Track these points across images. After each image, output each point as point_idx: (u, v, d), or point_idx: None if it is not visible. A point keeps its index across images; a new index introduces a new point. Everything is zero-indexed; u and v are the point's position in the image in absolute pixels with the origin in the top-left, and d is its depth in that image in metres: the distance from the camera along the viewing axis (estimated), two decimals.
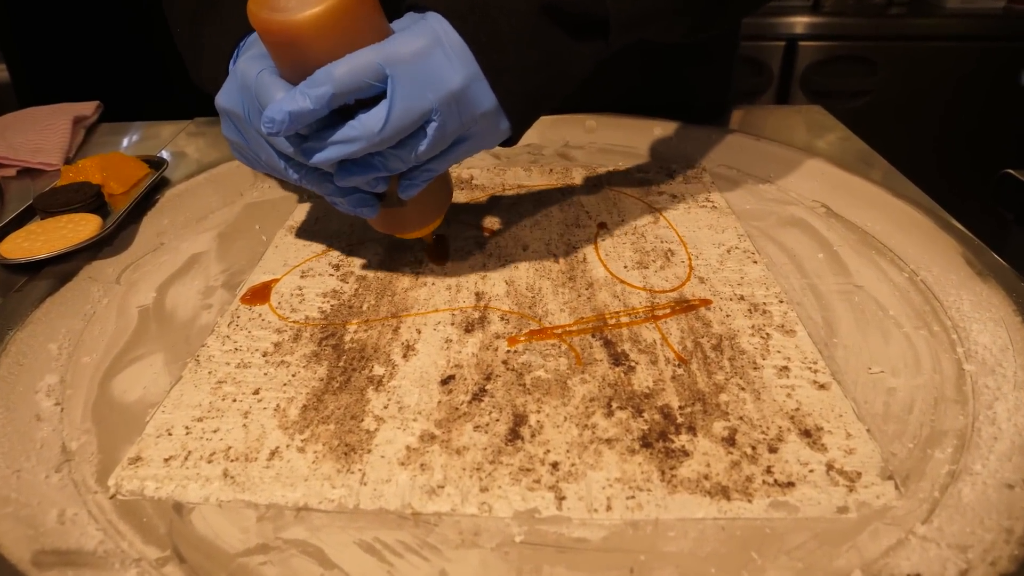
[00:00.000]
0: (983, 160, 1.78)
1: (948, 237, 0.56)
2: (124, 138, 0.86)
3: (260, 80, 0.43)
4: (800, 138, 0.79)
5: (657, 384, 0.43)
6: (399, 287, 0.53)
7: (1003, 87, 1.78)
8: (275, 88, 0.42)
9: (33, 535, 0.34)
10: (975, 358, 0.45)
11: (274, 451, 0.39)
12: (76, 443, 0.40)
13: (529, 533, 0.34)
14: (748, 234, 0.60)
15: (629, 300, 0.51)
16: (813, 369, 0.44)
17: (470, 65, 0.42)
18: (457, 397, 0.43)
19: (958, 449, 0.39)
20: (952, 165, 1.85)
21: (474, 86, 0.43)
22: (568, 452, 0.38)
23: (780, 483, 0.36)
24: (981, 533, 0.33)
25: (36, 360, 0.46)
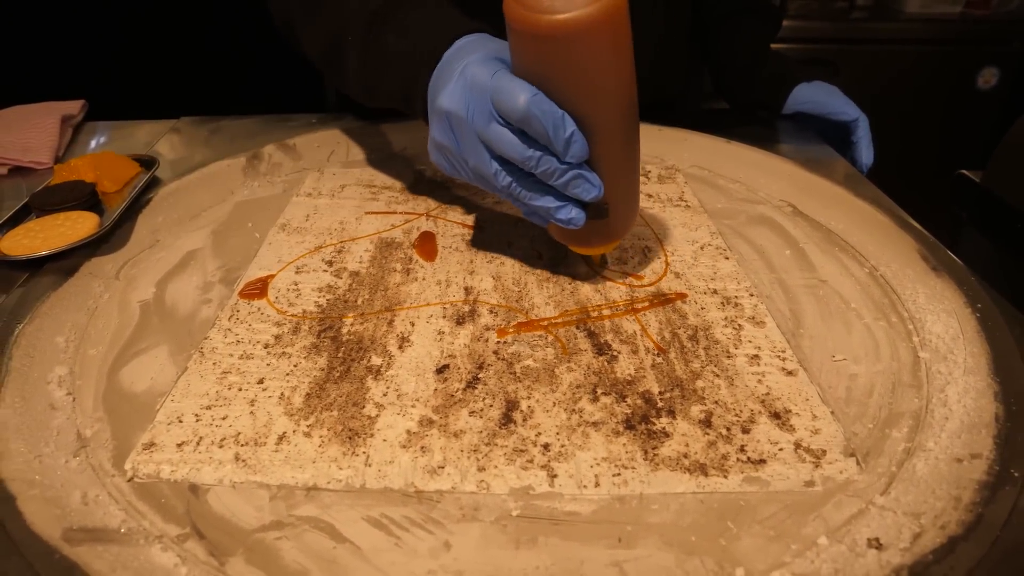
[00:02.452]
0: (941, 161, 1.85)
1: (906, 235, 0.60)
2: (110, 136, 0.87)
3: (498, 81, 0.44)
4: (768, 140, 0.83)
5: (638, 372, 0.46)
6: (391, 282, 0.56)
7: (960, 90, 1.85)
8: (517, 88, 0.43)
9: (60, 515, 0.36)
10: (929, 346, 0.49)
11: (282, 436, 0.41)
12: (90, 430, 0.42)
13: (525, 508, 0.37)
14: (720, 232, 0.63)
15: (610, 294, 0.54)
16: (781, 357, 0.48)
17: None
18: (452, 385, 0.45)
19: (913, 429, 0.42)
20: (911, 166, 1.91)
21: None
22: (558, 434, 0.41)
23: (753, 460, 0.40)
24: (933, 501, 0.37)
25: (45, 352, 0.48)
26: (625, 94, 0.46)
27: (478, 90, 0.46)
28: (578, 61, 0.42)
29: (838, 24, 1.82)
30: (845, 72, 1.82)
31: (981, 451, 0.40)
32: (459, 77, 0.47)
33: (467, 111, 0.46)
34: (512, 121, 0.45)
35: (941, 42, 1.81)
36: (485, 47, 0.49)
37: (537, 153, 0.45)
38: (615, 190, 0.49)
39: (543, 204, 0.48)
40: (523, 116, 0.43)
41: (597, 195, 0.48)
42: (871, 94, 1.85)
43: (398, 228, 0.64)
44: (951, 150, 1.91)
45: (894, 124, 1.90)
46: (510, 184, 0.48)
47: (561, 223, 0.49)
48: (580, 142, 0.45)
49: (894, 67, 1.83)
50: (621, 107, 0.46)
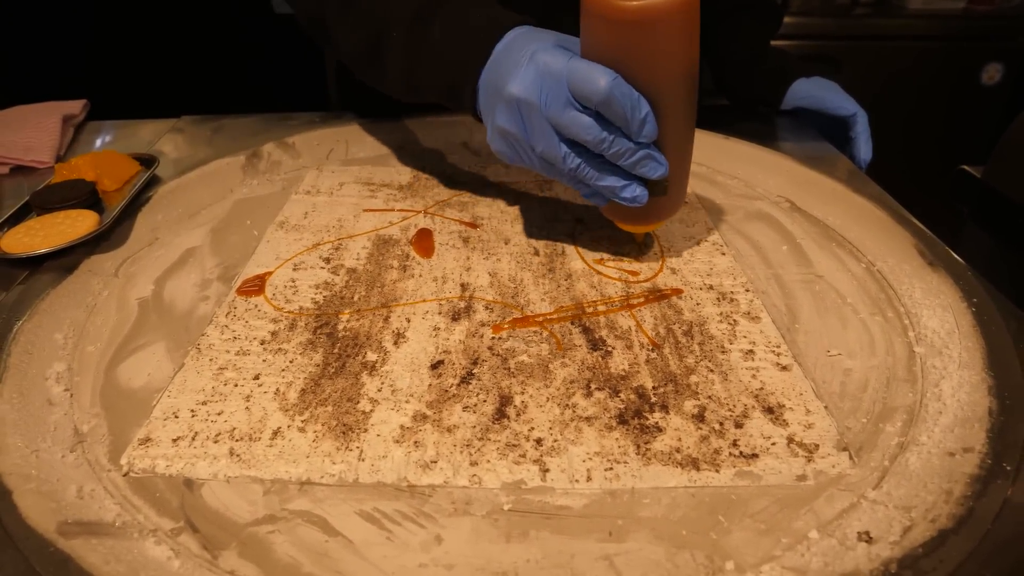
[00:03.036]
0: (944, 156, 1.84)
1: (903, 230, 0.60)
2: (112, 136, 0.88)
3: (574, 67, 0.46)
4: (768, 137, 0.83)
5: (632, 367, 0.46)
6: (388, 279, 0.56)
7: (964, 86, 1.84)
8: (596, 72, 0.45)
9: (56, 508, 0.36)
10: (924, 341, 0.49)
11: (276, 431, 0.42)
12: (87, 426, 0.43)
13: (516, 502, 0.37)
14: (717, 228, 0.63)
15: (606, 290, 0.54)
16: (776, 352, 0.48)
17: None
18: (446, 380, 0.45)
19: (907, 423, 0.42)
20: (914, 162, 1.91)
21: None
22: (551, 429, 0.42)
23: (745, 455, 0.40)
24: (924, 495, 0.37)
25: (44, 349, 0.49)
26: (692, 76, 0.49)
27: (552, 76, 0.47)
28: (656, 45, 0.45)
29: (841, 20, 1.81)
30: (848, 68, 1.82)
31: (973, 445, 0.40)
32: (529, 64, 0.48)
33: (540, 97, 0.48)
34: (592, 104, 0.46)
35: (944, 38, 1.80)
36: (545, 37, 0.50)
37: (611, 135, 0.47)
38: (675, 169, 0.52)
39: (609, 184, 0.50)
40: (604, 99, 0.45)
41: (663, 173, 0.50)
42: (874, 90, 1.85)
43: (396, 225, 0.64)
44: (954, 146, 1.90)
45: (897, 120, 1.89)
46: (579, 166, 0.50)
47: (626, 201, 0.51)
48: (652, 123, 0.47)
49: (897, 63, 1.82)
50: (688, 89, 0.49)
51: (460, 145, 0.81)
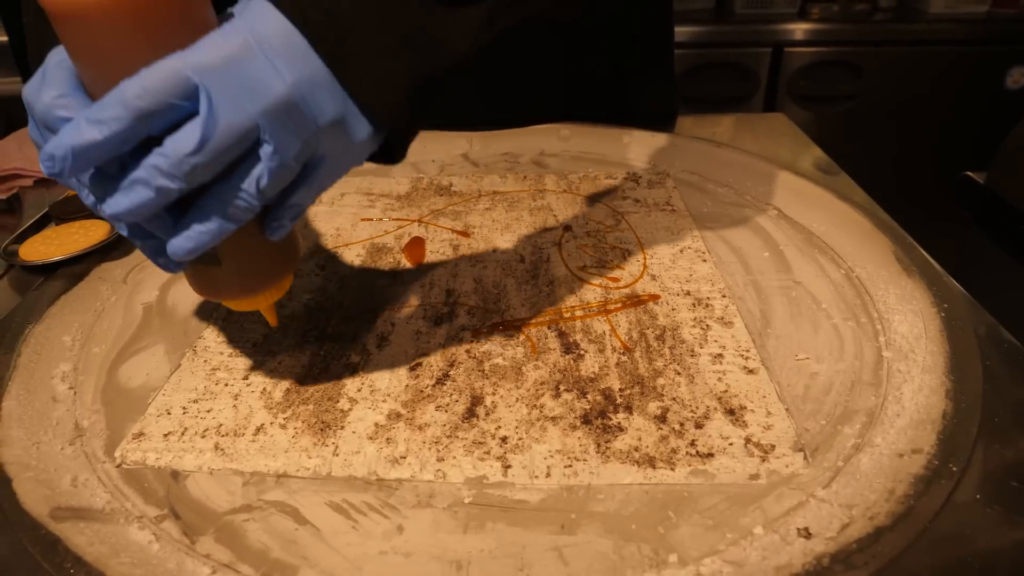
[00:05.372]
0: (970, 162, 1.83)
1: (883, 236, 0.61)
2: None
3: (48, 70, 0.34)
4: (762, 145, 0.84)
5: (602, 370, 0.48)
6: (377, 285, 0.59)
7: (989, 90, 1.82)
8: (52, 83, 0.33)
9: (50, 495, 0.40)
10: (893, 345, 0.50)
11: (259, 428, 0.44)
12: (87, 421, 0.46)
13: (477, 496, 0.40)
14: (702, 235, 0.65)
15: (585, 296, 0.56)
16: (745, 356, 0.49)
17: (301, 65, 0.33)
18: (423, 381, 0.48)
19: (866, 425, 0.43)
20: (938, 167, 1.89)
21: (310, 90, 0.34)
22: (517, 428, 0.44)
23: (701, 454, 0.42)
24: (867, 494, 0.38)
25: (52, 350, 0.52)
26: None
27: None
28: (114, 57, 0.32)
29: (861, 26, 1.81)
30: (869, 74, 1.81)
31: (923, 446, 0.41)
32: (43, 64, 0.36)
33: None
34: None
35: (967, 42, 1.78)
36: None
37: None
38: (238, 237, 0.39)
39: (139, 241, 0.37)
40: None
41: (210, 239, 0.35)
42: (896, 96, 1.84)
43: (390, 234, 0.67)
44: (981, 151, 1.88)
45: (921, 126, 1.88)
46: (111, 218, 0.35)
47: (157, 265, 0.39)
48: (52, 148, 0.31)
49: (919, 68, 1.81)
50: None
51: (459, 156, 0.84)
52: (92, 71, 0.33)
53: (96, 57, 0.32)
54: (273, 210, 0.38)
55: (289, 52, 0.33)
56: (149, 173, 0.32)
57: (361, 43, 0.35)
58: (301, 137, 0.34)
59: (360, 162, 0.40)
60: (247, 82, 0.32)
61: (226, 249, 0.39)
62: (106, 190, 0.33)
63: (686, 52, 1.80)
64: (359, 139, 0.37)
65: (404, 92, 0.37)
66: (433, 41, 0.37)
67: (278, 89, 0.33)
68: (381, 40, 0.35)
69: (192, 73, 0.31)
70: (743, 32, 1.82)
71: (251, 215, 0.35)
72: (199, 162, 0.32)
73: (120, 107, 0.30)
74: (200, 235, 0.35)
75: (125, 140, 0.31)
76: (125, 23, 0.31)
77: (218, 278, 0.41)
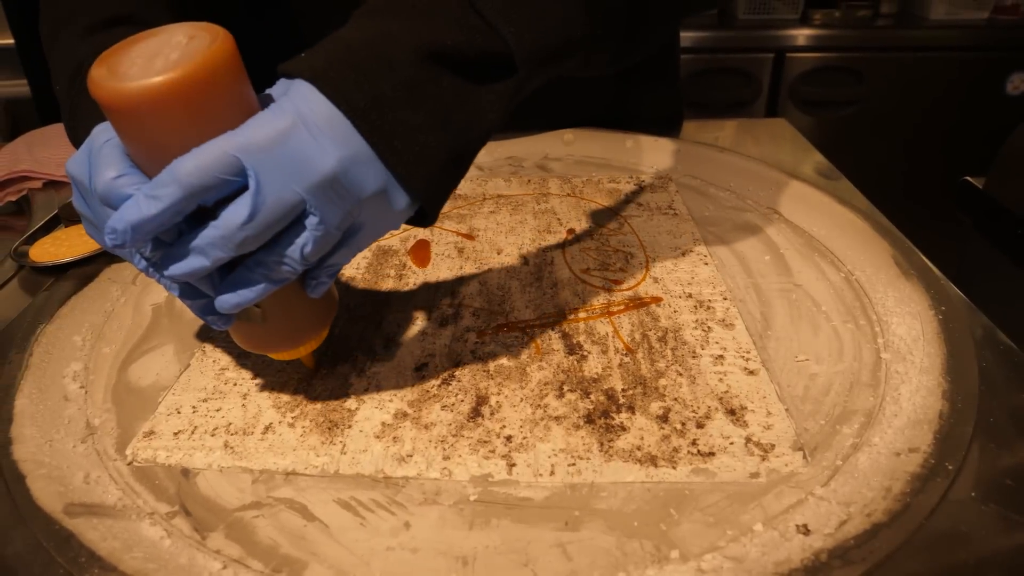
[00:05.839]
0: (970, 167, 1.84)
1: (882, 240, 0.62)
2: None
3: (101, 151, 0.36)
4: (764, 150, 0.85)
5: (605, 370, 0.49)
6: (383, 287, 0.60)
7: (988, 96, 1.83)
8: (109, 164, 0.36)
9: (63, 491, 0.40)
10: (892, 347, 0.50)
11: (268, 426, 0.45)
12: (98, 419, 0.47)
13: (482, 493, 0.40)
14: (704, 238, 0.65)
15: (588, 298, 0.57)
16: (746, 358, 0.50)
17: (345, 142, 0.36)
18: (429, 382, 0.49)
19: (864, 425, 0.44)
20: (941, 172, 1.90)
21: (354, 167, 0.36)
22: (521, 427, 0.44)
23: (703, 453, 0.42)
24: (865, 492, 0.39)
25: (63, 350, 0.53)
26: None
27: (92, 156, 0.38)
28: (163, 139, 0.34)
29: (862, 32, 1.82)
30: (871, 80, 1.82)
31: (919, 445, 0.41)
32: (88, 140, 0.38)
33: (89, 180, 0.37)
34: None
35: (968, 48, 1.79)
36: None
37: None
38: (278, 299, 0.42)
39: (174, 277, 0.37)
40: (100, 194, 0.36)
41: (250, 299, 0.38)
42: (898, 102, 1.85)
43: (396, 236, 0.68)
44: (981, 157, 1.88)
45: (921, 132, 1.89)
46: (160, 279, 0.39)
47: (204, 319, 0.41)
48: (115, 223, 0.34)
49: (921, 74, 1.82)
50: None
51: None
52: (144, 152, 0.35)
53: (148, 141, 0.35)
54: (313, 270, 0.41)
55: (333, 131, 0.35)
56: (205, 243, 0.35)
57: (399, 123, 0.37)
58: (344, 208, 0.37)
59: (397, 226, 0.42)
60: (294, 159, 0.34)
61: (270, 308, 0.42)
62: (164, 256, 0.36)
63: (688, 57, 1.82)
64: (398, 208, 0.39)
65: (439, 165, 0.39)
66: (466, 117, 0.39)
67: (324, 166, 0.35)
68: (417, 119, 0.37)
69: (239, 153, 0.33)
70: (745, 38, 1.83)
71: (294, 276, 0.38)
72: (249, 235, 0.34)
73: (174, 184, 0.33)
74: (245, 293, 0.37)
75: (178, 213, 0.34)
76: (174, 113, 0.33)
77: (263, 334, 0.44)
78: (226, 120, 0.34)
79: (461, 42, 0.38)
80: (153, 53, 0.34)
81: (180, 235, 0.36)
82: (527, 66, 0.40)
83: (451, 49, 0.38)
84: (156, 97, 0.32)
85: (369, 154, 0.37)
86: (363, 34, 0.38)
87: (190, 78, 0.33)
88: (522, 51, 0.39)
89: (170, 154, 0.34)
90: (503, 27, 0.39)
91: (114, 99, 0.33)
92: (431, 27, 0.38)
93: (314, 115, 0.35)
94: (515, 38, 0.39)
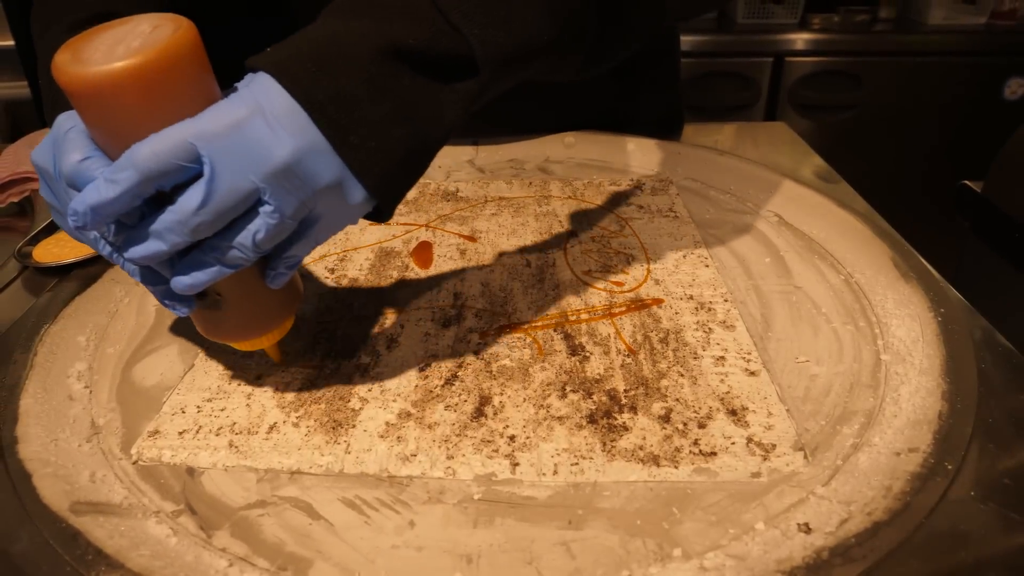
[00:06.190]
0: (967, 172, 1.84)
1: (881, 243, 0.62)
2: None
3: (66, 136, 0.37)
4: (763, 153, 0.85)
5: (607, 371, 0.49)
6: (386, 288, 0.60)
7: (986, 100, 1.84)
8: (74, 149, 0.37)
9: (69, 490, 0.41)
10: (891, 349, 0.51)
11: (272, 426, 0.45)
12: (103, 419, 0.47)
13: (486, 492, 0.41)
14: (704, 241, 0.66)
15: (590, 299, 0.57)
16: (747, 359, 0.50)
17: (301, 134, 0.36)
18: (432, 382, 0.49)
19: (864, 426, 0.45)
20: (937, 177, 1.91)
21: (309, 157, 0.36)
22: (524, 427, 0.45)
23: (704, 453, 0.43)
24: (865, 491, 0.39)
25: (67, 350, 0.53)
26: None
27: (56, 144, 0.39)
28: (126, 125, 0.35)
29: (861, 36, 1.83)
30: (869, 85, 1.83)
31: (919, 445, 0.42)
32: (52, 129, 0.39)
33: (54, 168, 0.39)
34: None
35: (966, 53, 1.80)
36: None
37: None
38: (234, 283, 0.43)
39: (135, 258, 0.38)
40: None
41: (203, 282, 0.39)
42: (895, 107, 1.86)
43: (398, 238, 0.68)
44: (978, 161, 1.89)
45: (919, 136, 1.90)
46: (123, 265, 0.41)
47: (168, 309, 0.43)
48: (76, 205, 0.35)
49: (918, 79, 1.82)
50: None
51: (465, 162, 0.85)
52: (107, 137, 0.36)
53: (110, 126, 0.35)
54: (272, 260, 0.41)
55: (290, 122, 0.36)
56: (162, 227, 0.36)
57: (357, 118, 0.37)
58: (299, 198, 0.37)
59: (355, 221, 0.42)
60: (250, 148, 0.35)
61: (230, 296, 0.43)
62: (125, 239, 0.37)
63: (688, 61, 1.82)
64: (353, 202, 0.40)
65: (396, 161, 0.39)
66: (426, 115, 0.40)
67: (279, 155, 0.35)
68: (376, 116, 0.38)
69: (195, 140, 0.34)
70: (744, 42, 1.84)
71: (246, 263, 0.38)
72: (203, 220, 0.35)
73: (132, 169, 0.34)
74: (198, 275, 0.38)
75: (136, 196, 0.35)
76: (135, 99, 0.34)
77: (223, 322, 0.44)
78: (187, 108, 0.35)
79: (424, 41, 0.38)
80: (117, 40, 0.35)
81: (142, 218, 0.37)
82: (489, 68, 0.40)
83: (413, 48, 0.38)
84: (117, 82, 0.33)
85: (325, 147, 0.37)
86: (327, 31, 0.38)
87: (150, 64, 0.33)
88: (485, 53, 0.39)
89: (131, 139, 0.35)
90: (466, 29, 0.39)
91: (76, 84, 0.34)
92: (395, 26, 0.38)
93: (272, 106, 0.36)
94: (478, 40, 0.39)
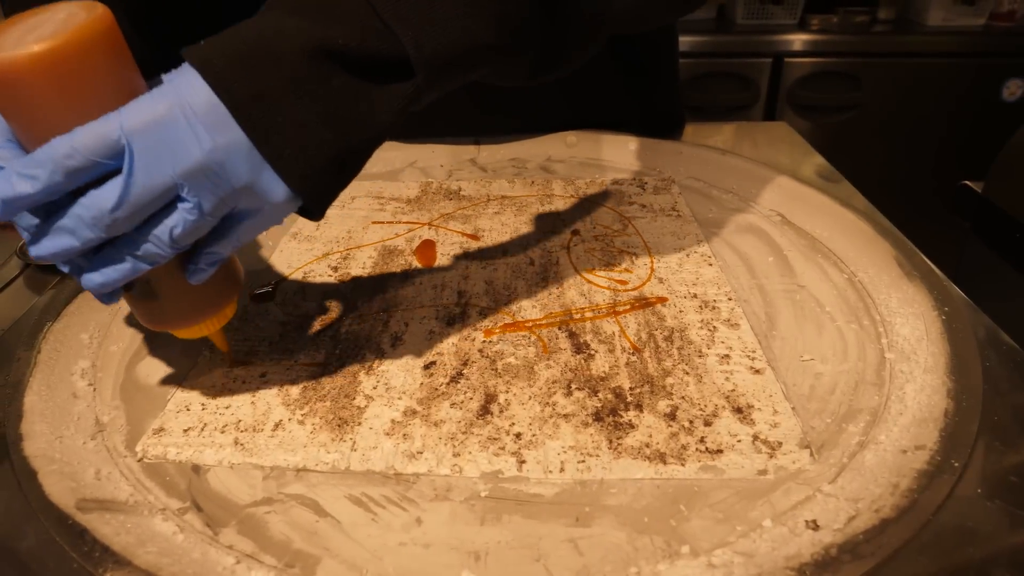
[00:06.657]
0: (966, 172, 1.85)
1: (885, 242, 0.62)
2: None
3: None
4: (763, 153, 0.85)
5: (612, 369, 0.49)
6: (390, 286, 0.60)
7: (984, 101, 1.84)
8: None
9: (75, 487, 0.40)
10: (896, 347, 0.51)
11: (278, 423, 0.45)
12: (107, 417, 0.47)
13: (493, 490, 0.41)
14: (707, 240, 0.66)
15: (594, 298, 0.57)
16: (751, 357, 0.50)
17: (222, 131, 0.35)
18: (437, 379, 0.49)
19: (870, 424, 0.45)
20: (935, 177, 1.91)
21: (229, 155, 0.36)
22: (530, 425, 0.45)
23: (711, 450, 0.43)
24: (873, 488, 0.39)
25: (71, 347, 0.53)
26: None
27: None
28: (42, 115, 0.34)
29: (860, 37, 1.83)
30: (868, 86, 1.83)
31: (925, 443, 0.42)
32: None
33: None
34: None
35: (965, 54, 1.81)
36: None
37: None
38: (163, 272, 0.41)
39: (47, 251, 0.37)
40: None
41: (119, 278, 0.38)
42: (894, 107, 1.86)
43: (401, 237, 0.68)
44: (977, 162, 1.90)
45: (918, 137, 1.90)
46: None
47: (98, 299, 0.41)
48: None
49: (917, 80, 1.83)
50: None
51: (467, 161, 0.85)
52: (22, 128, 0.35)
53: (23, 116, 0.34)
54: (192, 256, 0.40)
55: (211, 119, 0.35)
56: (74, 223, 0.35)
57: (280, 118, 0.37)
58: (218, 195, 0.37)
59: (280, 220, 0.42)
60: (169, 144, 0.34)
61: (161, 285, 0.42)
62: (37, 233, 0.36)
63: (687, 61, 1.82)
64: (276, 201, 0.39)
65: (321, 161, 0.39)
66: (355, 116, 0.39)
67: (197, 153, 0.35)
68: (300, 116, 0.37)
69: (120, 135, 0.33)
70: (744, 42, 1.84)
71: (162, 260, 0.38)
72: (120, 216, 0.34)
73: (50, 164, 0.33)
74: (110, 273, 0.37)
75: (52, 193, 0.34)
76: (45, 87, 0.33)
77: (158, 310, 0.43)
78: (105, 100, 0.34)
79: (357, 43, 0.37)
80: (32, 28, 0.34)
81: (50, 214, 0.35)
82: (425, 71, 0.39)
83: (344, 48, 0.37)
84: (25, 69, 0.32)
85: (247, 145, 0.36)
86: (257, 28, 0.37)
87: (59, 51, 0.33)
88: (419, 56, 0.38)
89: (45, 130, 0.34)
90: (400, 30, 0.38)
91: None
92: (326, 25, 0.37)
93: (194, 102, 0.35)
94: (412, 42, 0.38)
